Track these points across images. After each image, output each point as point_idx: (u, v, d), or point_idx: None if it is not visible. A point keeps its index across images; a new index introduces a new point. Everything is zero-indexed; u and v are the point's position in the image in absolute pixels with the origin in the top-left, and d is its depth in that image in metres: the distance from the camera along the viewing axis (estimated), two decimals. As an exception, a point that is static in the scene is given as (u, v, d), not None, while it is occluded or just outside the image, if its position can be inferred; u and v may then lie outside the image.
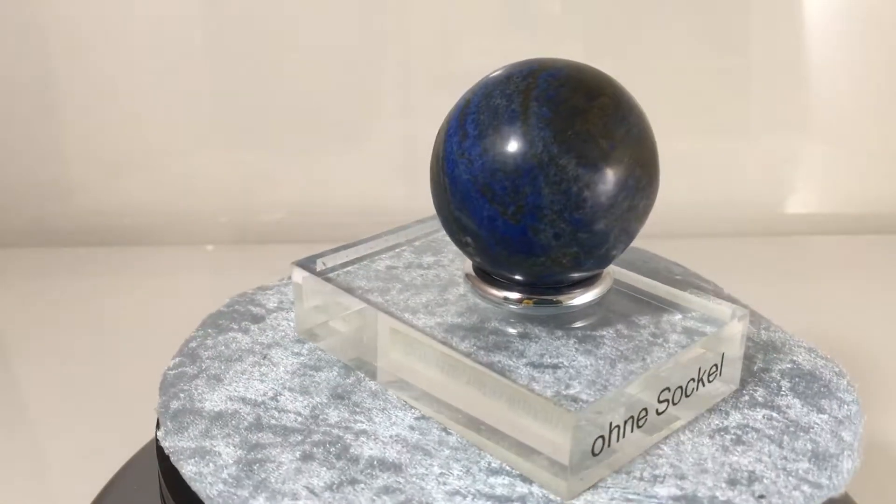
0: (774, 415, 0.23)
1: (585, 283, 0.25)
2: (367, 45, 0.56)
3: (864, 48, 0.57)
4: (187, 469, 0.21)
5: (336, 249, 0.28)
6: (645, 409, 0.21)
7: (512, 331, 0.24)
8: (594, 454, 0.20)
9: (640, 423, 0.21)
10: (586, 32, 0.56)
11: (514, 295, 0.24)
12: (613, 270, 0.26)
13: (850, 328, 0.45)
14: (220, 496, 0.20)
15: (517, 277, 0.24)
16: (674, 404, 0.22)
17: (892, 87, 0.58)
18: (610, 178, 0.21)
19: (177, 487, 0.21)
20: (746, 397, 0.24)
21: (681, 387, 0.22)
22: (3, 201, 0.58)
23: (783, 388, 0.24)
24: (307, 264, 0.27)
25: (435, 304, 0.26)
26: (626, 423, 0.21)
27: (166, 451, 0.22)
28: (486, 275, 0.25)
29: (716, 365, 0.23)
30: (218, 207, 0.58)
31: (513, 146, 0.21)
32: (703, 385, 0.23)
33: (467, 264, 0.26)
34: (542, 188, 0.21)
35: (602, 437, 0.20)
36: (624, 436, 0.21)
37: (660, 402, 0.22)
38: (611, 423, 0.20)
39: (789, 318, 0.29)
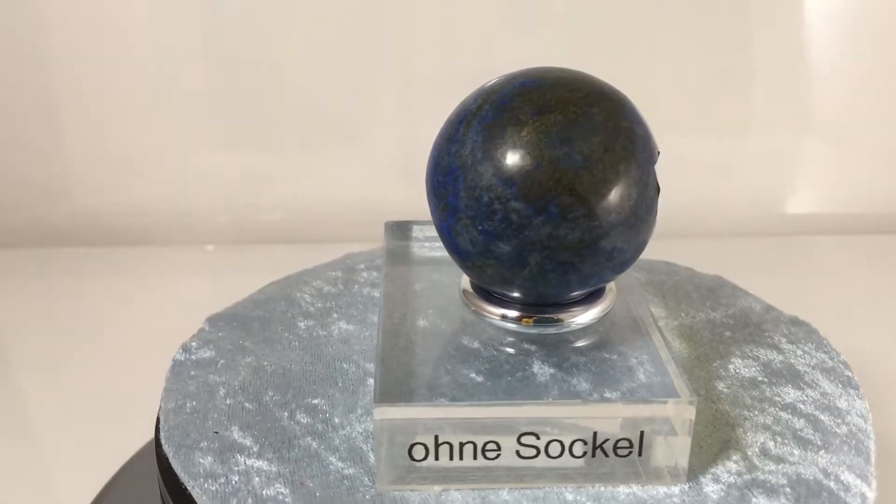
0: None
1: (591, 302, 0.23)
2: (367, 44, 0.56)
3: (865, 48, 0.57)
4: (182, 345, 0.26)
5: None
6: (496, 443, 0.20)
7: (494, 337, 0.24)
8: (413, 458, 0.20)
9: (489, 456, 0.20)
10: (587, 32, 0.56)
11: (513, 313, 0.23)
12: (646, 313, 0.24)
13: (851, 328, 0.45)
14: (173, 370, 0.25)
15: (514, 295, 0.23)
16: (550, 457, 0.20)
17: (892, 87, 0.58)
18: (526, 196, 0.20)
19: (176, 488, 0.21)
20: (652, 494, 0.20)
21: (560, 441, 0.20)
22: (2, 201, 0.57)
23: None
24: (394, 228, 0.28)
25: (457, 295, 0.25)
26: (462, 445, 0.20)
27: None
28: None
29: (629, 440, 0.20)
30: (218, 207, 0.58)
31: (451, 143, 0.21)
32: (607, 456, 0.20)
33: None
34: (460, 190, 0.21)
35: (423, 444, 0.20)
36: (462, 458, 0.20)
37: (522, 444, 0.20)
38: (436, 437, 0.20)
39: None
